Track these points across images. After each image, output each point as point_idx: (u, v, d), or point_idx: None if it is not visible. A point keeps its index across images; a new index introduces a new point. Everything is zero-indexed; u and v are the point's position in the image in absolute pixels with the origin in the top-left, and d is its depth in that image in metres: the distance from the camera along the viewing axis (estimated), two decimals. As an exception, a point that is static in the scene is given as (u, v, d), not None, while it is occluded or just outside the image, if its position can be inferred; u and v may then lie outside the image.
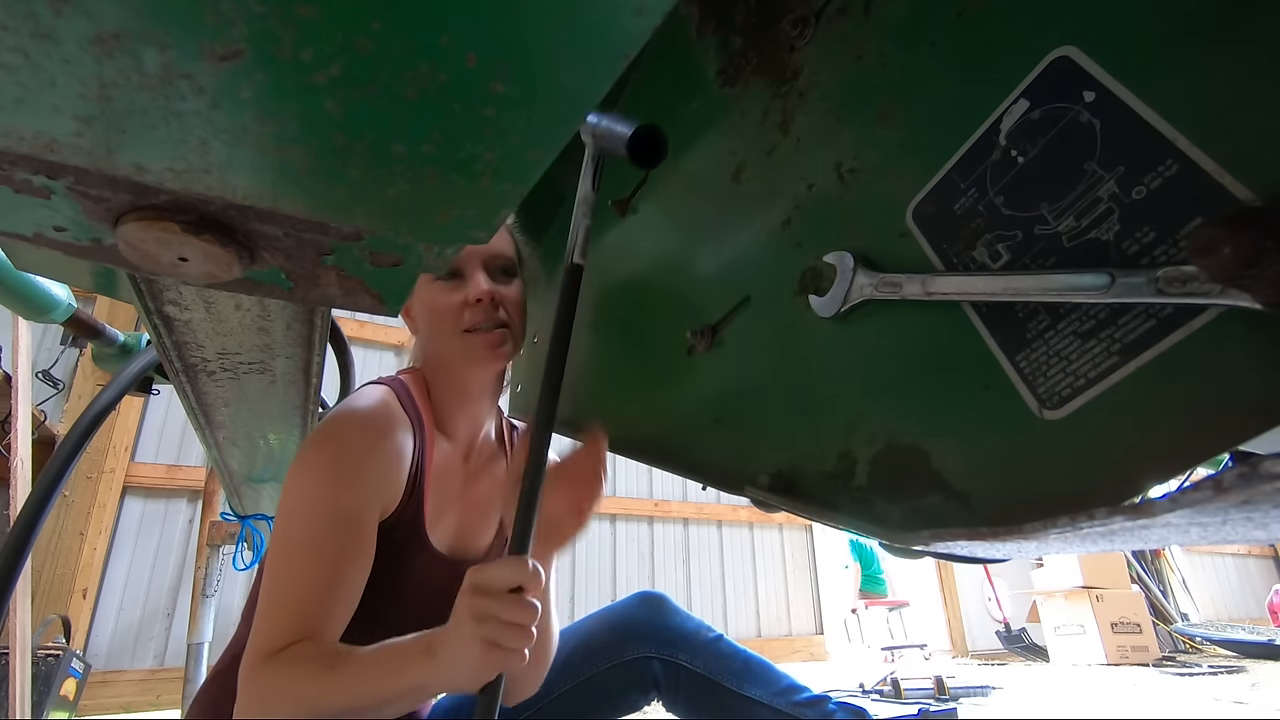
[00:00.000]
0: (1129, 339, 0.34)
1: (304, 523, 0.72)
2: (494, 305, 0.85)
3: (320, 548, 0.71)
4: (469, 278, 0.86)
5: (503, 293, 0.87)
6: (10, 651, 1.56)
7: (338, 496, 0.73)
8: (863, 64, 0.51)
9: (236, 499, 1.73)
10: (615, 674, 0.93)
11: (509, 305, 0.87)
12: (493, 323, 0.85)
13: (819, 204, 0.54)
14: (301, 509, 0.73)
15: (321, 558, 0.70)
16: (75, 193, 0.33)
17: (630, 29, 0.25)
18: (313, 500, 0.73)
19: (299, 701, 0.63)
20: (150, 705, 2.57)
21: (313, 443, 0.77)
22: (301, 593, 0.69)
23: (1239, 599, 6.32)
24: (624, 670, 0.93)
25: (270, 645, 0.67)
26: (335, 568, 0.71)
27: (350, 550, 0.72)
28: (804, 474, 0.55)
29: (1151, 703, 2.52)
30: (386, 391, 0.83)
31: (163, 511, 2.86)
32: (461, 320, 0.85)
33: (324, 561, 0.70)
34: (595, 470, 0.80)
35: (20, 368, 1.76)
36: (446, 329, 0.85)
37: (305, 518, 0.72)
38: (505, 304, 0.87)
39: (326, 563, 0.70)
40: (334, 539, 0.71)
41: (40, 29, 0.23)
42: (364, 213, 0.35)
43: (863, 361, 0.50)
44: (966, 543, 0.37)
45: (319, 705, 0.63)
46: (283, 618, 0.68)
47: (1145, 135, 0.33)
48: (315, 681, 0.63)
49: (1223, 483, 0.22)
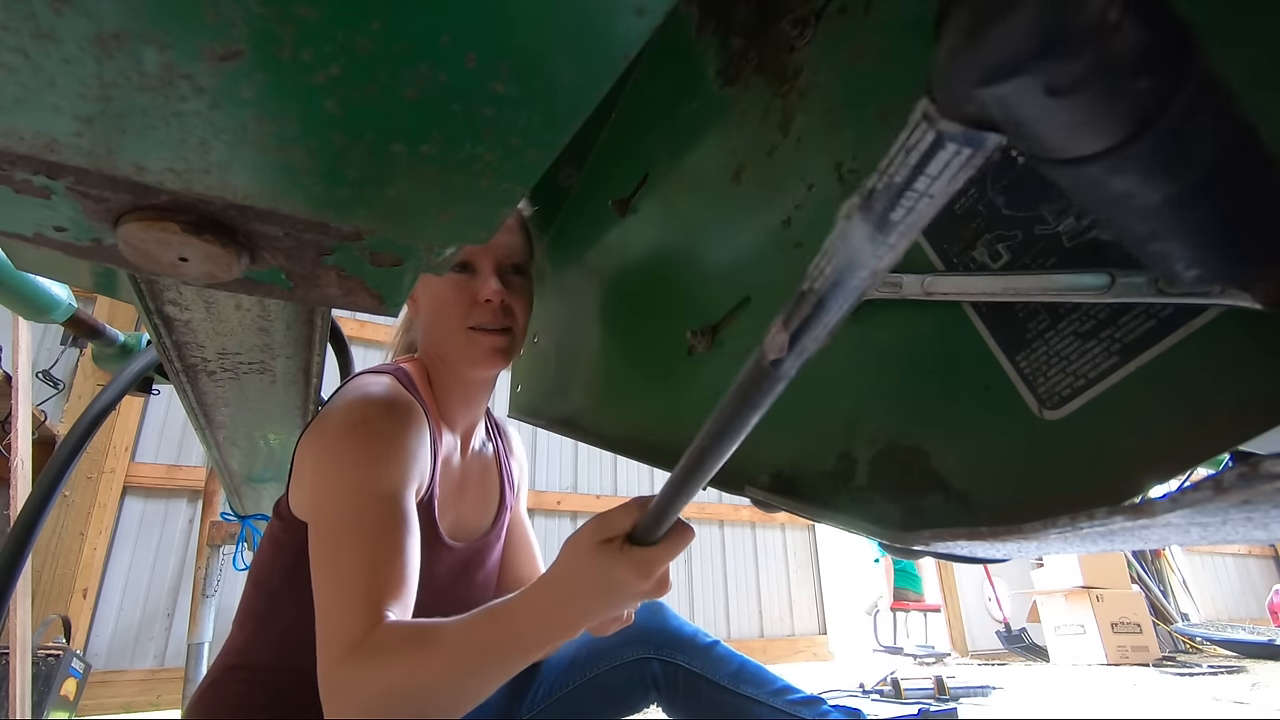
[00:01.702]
0: (1129, 339, 0.34)
1: (347, 507, 0.67)
2: (503, 308, 0.85)
3: (370, 527, 0.66)
4: (480, 273, 0.85)
5: (512, 295, 0.86)
6: (10, 651, 1.56)
7: (377, 477, 0.69)
8: (863, 64, 0.51)
9: (236, 499, 1.73)
10: (616, 675, 0.94)
11: (516, 308, 0.87)
12: (498, 325, 0.85)
13: (819, 204, 0.54)
14: (342, 494, 0.68)
15: (374, 536, 0.65)
16: (75, 193, 0.33)
17: (630, 29, 0.25)
18: (353, 483, 0.68)
19: (398, 691, 0.58)
20: (150, 705, 2.56)
21: (338, 430, 0.73)
22: (361, 575, 0.63)
23: (1239, 599, 6.32)
24: (624, 671, 0.94)
25: (345, 640, 0.60)
26: (390, 544, 0.66)
27: (402, 527, 0.67)
28: (804, 474, 0.55)
29: (1151, 703, 2.52)
30: (392, 380, 0.81)
31: (163, 511, 2.86)
32: (468, 317, 0.84)
33: (377, 540, 0.65)
34: None
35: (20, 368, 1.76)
36: (451, 323, 0.85)
37: (348, 501, 0.68)
38: (513, 306, 0.86)
39: (380, 540, 0.65)
40: (382, 518, 0.67)
41: (40, 29, 0.23)
42: (364, 213, 0.35)
43: (863, 361, 0.50)
44: (966, 543, 0.37)
45: (421, 689, 0.57)
46: (350, 607, 0.62)
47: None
48: (411, 665, 0.58)
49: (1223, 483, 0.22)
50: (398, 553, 0.66)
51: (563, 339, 1.04)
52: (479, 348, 0.84)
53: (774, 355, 0.29)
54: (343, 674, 0.59)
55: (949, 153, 0.20)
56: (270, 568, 0.81)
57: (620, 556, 0.55)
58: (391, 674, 0.58)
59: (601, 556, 0.55)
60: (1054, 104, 0.18)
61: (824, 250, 0.25)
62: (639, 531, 0.55)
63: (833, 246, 0.24)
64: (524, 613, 0.59)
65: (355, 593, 0.62)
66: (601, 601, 0.57)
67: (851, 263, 0.24)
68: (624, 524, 0.56)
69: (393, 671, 0.58)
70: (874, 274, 0.24)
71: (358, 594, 0.62)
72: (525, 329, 0.91)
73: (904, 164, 0.21)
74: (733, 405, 0.35)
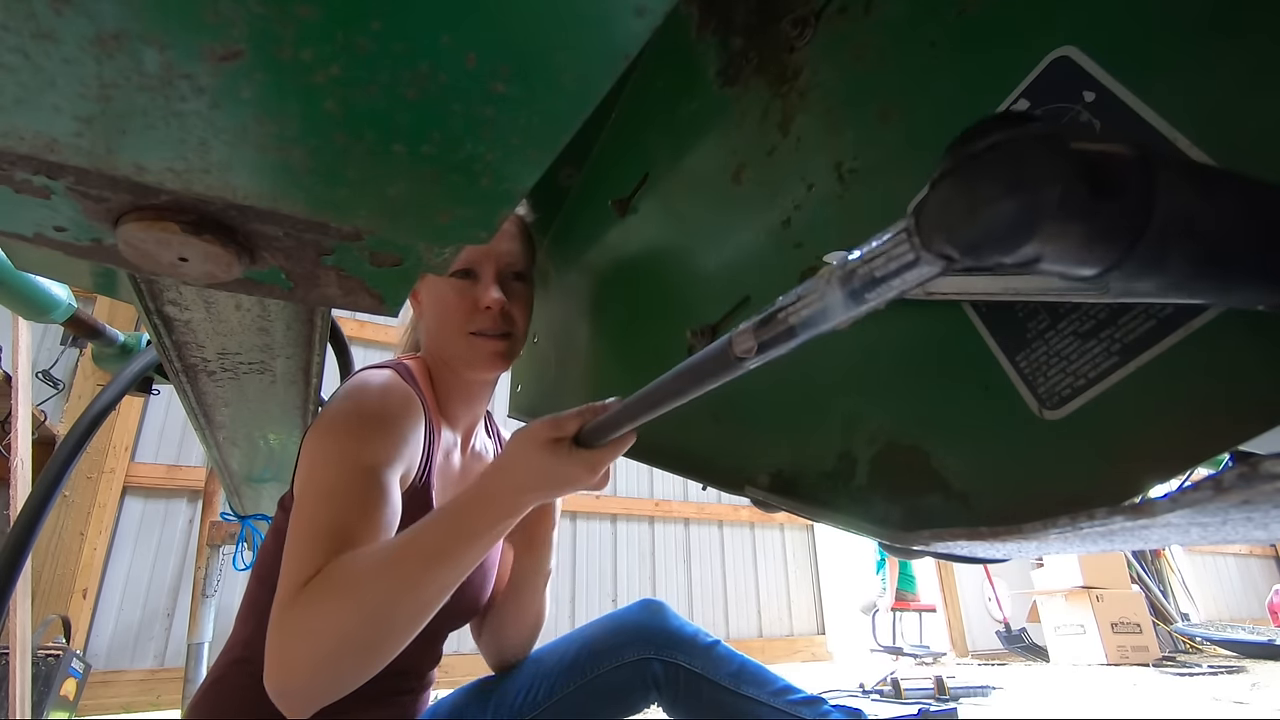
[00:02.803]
0: (1129, 339, 0.34)
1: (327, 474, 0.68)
2: (503, 315, 0.86)
3: (343, 493, 0.67)
4: (482, 280, 0.86)
5: (512, 301, 0.87)
6: (10, 651, 1.56)
7: (360, 450, 0.70)
8: (863, 64, 0.51)
9: (236, 499, 1.73)
10: (616, 675, 0.94)
11: (516, 313, 0.88)
12: (498, 330, 0.86)
13: (819, 204, 0.54)
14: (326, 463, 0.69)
15: (346, 501, 0.66)
16: (75, 193, 0.33)
17: (630, 29, 0.25)
18: (337, 454, 0.69)
19: (362, 608, 0.57)
20: (150, 705, 2.56)
21: (332, 412, 0.75)
22: (324, 532, 0.63)
23: (1241, 599, 6.32)
24: (625, 671, 0.94)
25: (301, 576, 0.61)
26: (362, 510, 0.66)
27: (378, 497, 0.68)
28: (804, 474, 0.55)
29: (1151, 703, 2.52)
30: (392, 373, 0.83)
31: (163, 511, 2.86)
32: (469, 322, 0.85)
33: (348, 505, 0.66)
34: None
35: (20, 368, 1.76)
36: (453, 327, 0.86)
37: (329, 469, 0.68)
38: (513, 312, 0.87)
39: (351, 506, 0.66)
40: (357, 486, 0.68)
41: (40, 29, 0.23)
42: (364, 213, 0.35)
43: (863, 361, 0.50)
44: (966, 543, 0.37)
45: (373, 602, 0.57)
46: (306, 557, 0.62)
47: (1145, 135, 0.33)
48: (359, 580, 0.58)
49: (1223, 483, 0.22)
50: (369, 519, 0.66)
51: (563, 339, 1.04)
52: (479, 352, 0.86)
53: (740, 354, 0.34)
54: (291, 612, 0.59)
55: (923, 270, 0.24)
56: (273, 560, 0.81)
57: (571, 456, 0.60)
58: (340, 596, 0.58)
59: (552, 454, 0.60)
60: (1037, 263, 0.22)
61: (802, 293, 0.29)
62: (585, 436, 0.60)
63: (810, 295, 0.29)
64: (473, 501, 0.63)
65: (315, 547, 0.63)
66: (546, 493, 0.62)
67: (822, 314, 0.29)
68: (572, 428, 0.61)
69: (341, 593, 0.58)
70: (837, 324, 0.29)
71: (318, 547, 0.62)
72: (525, 333, 0.92)
73: (884, 265, 0.26)
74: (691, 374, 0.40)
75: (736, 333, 0.34)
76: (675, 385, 0.43)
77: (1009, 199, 0.20)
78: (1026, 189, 0.20)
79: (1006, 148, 0.21)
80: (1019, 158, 0.21)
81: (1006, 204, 0.20)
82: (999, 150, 0.21)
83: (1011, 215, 0.20)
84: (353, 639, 0.57)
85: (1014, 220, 0.20)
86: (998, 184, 0.21)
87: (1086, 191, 0.20)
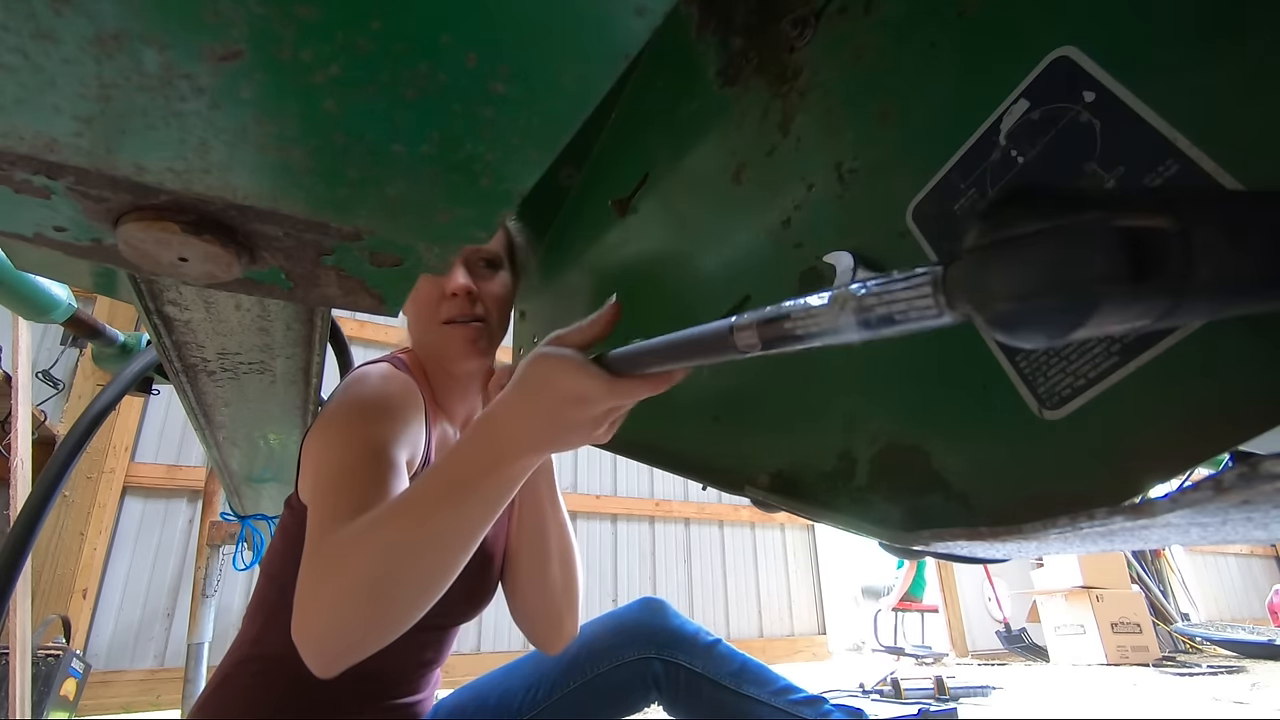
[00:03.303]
0: (1129, 339, 0.34)
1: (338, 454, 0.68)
2: (470, 300, 0.86)
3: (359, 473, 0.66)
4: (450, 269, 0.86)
5: (482, 287, 0.87)
6: (10, 651, 1.56)
7: (368, 430, 0.70)
8: (863, 64, 0.51)
9: (236, 499, 1.73)
10: (617, 675, 0.94)
11: (488, 300, 0.88)
12: (469, 317, 0.86)
13: (819, 204, 0.54)
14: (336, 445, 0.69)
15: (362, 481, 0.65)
16: (75, 193, 0.33)
17: (630, 29, 0.25)
18: (348, 437, 0.69)
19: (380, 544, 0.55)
20: (150, 705, 2.56)
21: (332, 404, 0.75)
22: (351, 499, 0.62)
23: (1242, 599, 6.32)
24: (625, 671, 0.94)
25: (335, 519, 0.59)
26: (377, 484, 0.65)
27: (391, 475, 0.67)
28: (804, 474, 0.55)
29: (1151, 703, 2.52)
30: (389, 366, 0.84)
31: (163, 511, 2.86)
32: (439, 311, 0.86)
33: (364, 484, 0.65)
34: None
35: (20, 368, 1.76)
36: (426, 318, 0.87)
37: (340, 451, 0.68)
38: (484, 298, 0.87)
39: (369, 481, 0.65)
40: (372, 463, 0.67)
41: (40, 29, 0.23)
42: (364, 213, 0.35)
43: (862, 361, 0.50)
44: (966, 543, 0.37)
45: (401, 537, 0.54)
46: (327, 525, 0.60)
47: (1145, 135, 0.33)
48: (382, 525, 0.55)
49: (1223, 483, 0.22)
50: (385, 494, 0.65)
51: (563, 339, 1.04)
52: (453, 340, 0.86)
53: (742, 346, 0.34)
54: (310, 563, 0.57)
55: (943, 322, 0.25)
56: (281, 559, 0.82)
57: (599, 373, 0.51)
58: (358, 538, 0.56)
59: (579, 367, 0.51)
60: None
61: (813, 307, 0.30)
62: (614, 362, 0.52)
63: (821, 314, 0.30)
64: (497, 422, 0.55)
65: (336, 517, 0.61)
66: (563, 414, 0.52)
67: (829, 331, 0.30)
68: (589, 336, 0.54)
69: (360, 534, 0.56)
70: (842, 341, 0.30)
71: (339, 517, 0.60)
72: (504, 321, 0.91)
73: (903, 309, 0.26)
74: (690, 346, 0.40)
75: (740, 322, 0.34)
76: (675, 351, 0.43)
77: (1054, 295, 0.20)
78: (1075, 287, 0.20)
79: (1053, 237, 0.21)
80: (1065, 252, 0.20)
81: (1051, 299, 0.20)
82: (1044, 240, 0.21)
83: (1057, 312, 0.21)
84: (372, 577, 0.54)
85: (1059, 315, 0.21)
86: (1043, 278, 0.21)
87: (1131, 279, 0.20)
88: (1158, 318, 0.21)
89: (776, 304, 0.33)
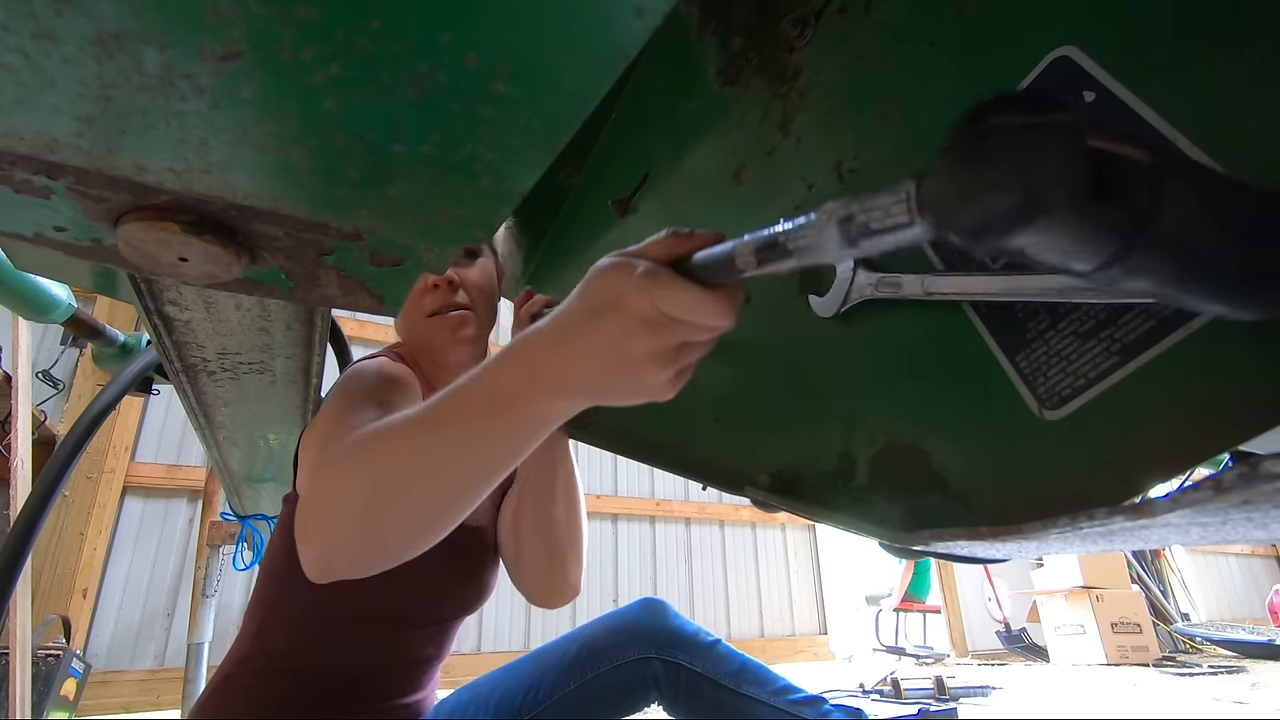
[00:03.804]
0: (1129, 339, 0.34)
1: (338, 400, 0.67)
2: (453, 289, 0.87)
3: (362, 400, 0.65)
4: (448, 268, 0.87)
5: (463, 276, 0.88)
6: (10, 651, 1.56)
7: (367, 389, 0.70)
8: (863, 64, 0.51)
9: (236, 499, 1.73)
10: (617, 675, 0.94)
11: (470, 288, 0.88)
12: (452, 306, 0.86)
13: (819, 204, 0.54)
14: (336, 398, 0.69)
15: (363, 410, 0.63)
16: (75, 193, 0.33)
17: (630, 29, 0.25)
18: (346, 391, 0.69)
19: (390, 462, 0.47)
20: (150, 705, 2.56)
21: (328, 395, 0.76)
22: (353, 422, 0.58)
23: (1243, 599, 6.32)
24: (625, 671, 0.94)
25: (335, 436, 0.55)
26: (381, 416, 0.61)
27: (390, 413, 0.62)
28: (804, 474, 0.55)
29: (1151, 703, 2.52)
30: (385, 360, 0.84)
31: (163, 511, 2.86)
32: (423, 305, 0.86)
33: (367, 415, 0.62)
34: None
35: (20, 368, 1.76)
36: (413, 314, 0.88)
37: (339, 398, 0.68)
38: (466, 287, 0.88)
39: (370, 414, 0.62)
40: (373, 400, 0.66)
41: (41, 29, 0.23)
42: (364, 213, 0.35)
43: (863, 361, 0.50)
44: (966, 543, 0.37)
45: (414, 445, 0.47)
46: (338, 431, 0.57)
47: (1145, 135, 0.33)
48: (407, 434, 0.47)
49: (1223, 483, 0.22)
50: None
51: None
52: (440, 331, 0.87)
53: (741, 267, 0.35)
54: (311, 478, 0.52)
55: (915, 233, 0.25)
56: (280, 554, 0.83)
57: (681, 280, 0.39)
58: (367, 445, 0.49)
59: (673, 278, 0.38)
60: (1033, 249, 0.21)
61: (802, 225, 0.30)
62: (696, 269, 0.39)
63: (808, 230, 0.30)
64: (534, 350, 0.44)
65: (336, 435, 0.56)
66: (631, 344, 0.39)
67: (817, 248, 0.30)
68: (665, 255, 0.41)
69: (369, 442, 0.49)
70: (832, 259, 0.31)
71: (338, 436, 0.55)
72: (490, 307, 0.92)
73: (880, 220, 0.26)
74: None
75: (740, 244, 0.34)
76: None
77: (1008, 191, 0.20)
78: (1030, 183, 0.19)
79: (1017, 133, 0.20)
80: (1028, 146, 0.20)
81: (1005, 195, 0.20)
82: (1009, 134, 0.20)
83: (1008, 207, 0.20)
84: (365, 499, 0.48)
85: (1009, 213, 0.20)
86: (1001, 172, 0.20)
87: (1089, 193, 0.19)
88: (1104, 260, 0.21)
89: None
